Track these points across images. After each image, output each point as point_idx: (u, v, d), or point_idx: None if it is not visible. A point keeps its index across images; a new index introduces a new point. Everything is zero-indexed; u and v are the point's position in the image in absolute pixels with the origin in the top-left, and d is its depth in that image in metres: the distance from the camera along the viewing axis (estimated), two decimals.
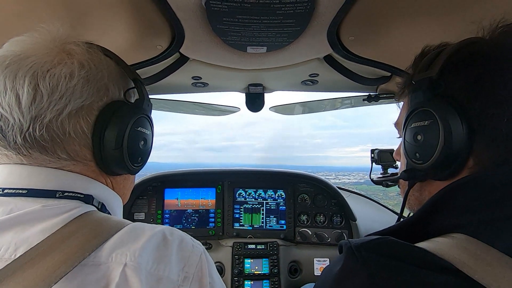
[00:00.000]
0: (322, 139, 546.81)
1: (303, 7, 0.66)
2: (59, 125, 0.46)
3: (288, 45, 0.86)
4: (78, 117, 0.48)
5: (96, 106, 0.50)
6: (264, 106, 1.50)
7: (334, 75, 1.09)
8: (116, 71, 0.55)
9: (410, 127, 0.51)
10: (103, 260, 0.41)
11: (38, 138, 0.45)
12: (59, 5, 0.67)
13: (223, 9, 0.66)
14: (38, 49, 0.47)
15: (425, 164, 0.48)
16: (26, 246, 0.40)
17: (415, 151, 0.50)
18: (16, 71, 0.45)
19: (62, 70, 0.46)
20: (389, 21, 0.75)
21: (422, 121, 0.48)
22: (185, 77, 1.18)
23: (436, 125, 0.46)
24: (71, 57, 0.49)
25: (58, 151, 0.47)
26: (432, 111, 0.46)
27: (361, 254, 0.41)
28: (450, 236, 0.41)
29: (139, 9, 0.71)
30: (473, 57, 0.46)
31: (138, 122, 0.55)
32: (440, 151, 0.45)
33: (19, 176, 0.46)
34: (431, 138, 0.47)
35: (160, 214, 1.72)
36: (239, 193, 1.79)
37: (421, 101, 0.50)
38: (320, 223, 1.72)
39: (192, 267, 0.46)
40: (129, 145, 0.53)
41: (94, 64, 0.51)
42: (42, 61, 0.46)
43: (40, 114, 0.45)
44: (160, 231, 0.47)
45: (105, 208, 0.54)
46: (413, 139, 0.50)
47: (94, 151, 0.51)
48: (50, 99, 0.45)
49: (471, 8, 0.65)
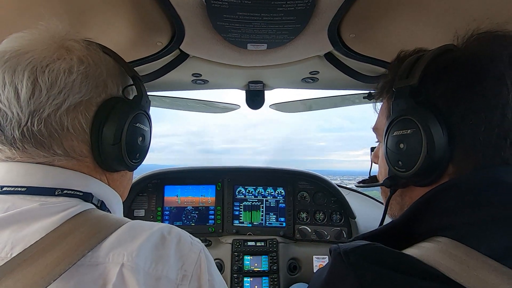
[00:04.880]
0: (326, 142, 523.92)
1: (304, 4, 0.65)
2: (58, 120, 0.46)
3: (289, 42, 0.86)
4: (76, 112, 0.48)
5: (95, 102, 0.51)
6: (264, 103, 1.50)
7: (334, 73, 1.09)
8: (114, 68, 0.56)
9: (393, 135, 0.51)
10: (100, 260, 0.41)
11: (36, 133, 0.45)
12: (58, 2, 0.67)
13: (224, 6, 0.66)
14: (37, 44, 0.47)
15: (408, 172, 0.48)
16: (23, 245, 0.39)
17: (397, 159, 0.51)
18: (15, 65, 0.44)
19: (61, 65, 0.46)
20: (389, 18, 0.75)
21: (405, 129, 0.49)
22: (185, 74, 1.18)
23: (418, 134, 0.46)
24: (70, 53, 0.49)
25: (54, 146, 0.47)
26: (415, 120, 0.47)
27: (349, 260, 0.41)
28: (435, 240, 0.41)
29: (139, 5, 0.70)
30: (453, 65, 0.47)
31: (136, 118, 0.55)
32: (423, 160, 0.46)
33: (17, 174, 0.46)
34: (413, 147, 0.47)
35: (160, 211, 1.73)
36: (238, 190, 1.79)
37: (403, 109, 0.50)
38: (320, 220, 1.73)
39: (190, 266, 0.46)
40: (127, 140, 0.53)
41: (93, 61, 0.51)
42: (41, 56, 0.46)
43: (39, 108, 0.45)
44: (158, 229, 0.47)
45: (105, 206, 0.54)
46: (395, 147, 0.51)
47: (92, 147, 0.51)
48: (49, 94, 0.45)
49: (470, 6, 0.65)
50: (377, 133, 0.64)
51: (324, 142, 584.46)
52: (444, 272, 0.37)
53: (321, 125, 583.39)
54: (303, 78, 1.24)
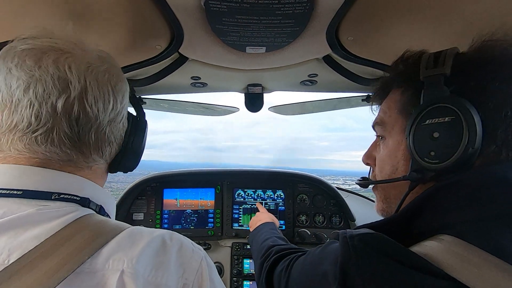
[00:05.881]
0: (330, 142, 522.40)
1: (302, 8, 0.66)
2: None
3: (287, 46, 0.86)
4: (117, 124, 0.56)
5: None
6: (264, 106, 1.50)
7: (333, 76, 1.09)
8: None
9: (424, 124, 0.48)
10: (99, 267, 0.40)
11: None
12: (58, 5, 0.67)
13: (222, 9, 0.66)
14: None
15: (441, 164, 0.46)
16: (20, 252, 0.38)
17: (429, 150, 0.47)
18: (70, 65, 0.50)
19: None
20: (388, 21, 0.75)
21: (442, 117, 0.46)
22: (184, 77, 1.18)
23: (459, 122, 0.44)
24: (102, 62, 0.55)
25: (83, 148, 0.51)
26: (454, 108, 0.45)
27: (353, 243, 0.43)
28: (438, 238, 0.41)
29: (138, 9, 0.70)
30: (485, 58, 0.46)
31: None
32: (462, 150, 0.43)
33: (13, 176, 0.45)
34: (452, 136, 0.45)
35: (159, 214, 1.72)
36: (238, 193, 1.79)
37: (437, 97, 0.47)
38: (319, 223, 1.72)
39: (191, 274, 0.45)
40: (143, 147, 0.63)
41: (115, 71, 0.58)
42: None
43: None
44: (159, 235, 0.46)
45: (104, 211, 0.53)
46: (427, 137, 0.48)
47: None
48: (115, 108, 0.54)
49: (469, 8, 0.65)
50: (383, 128, 0.59)
51: (327, 142, 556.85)
52: (447, 270, 0.37)
53: (326, 124, 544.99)
54: (302, 81, 1.24)
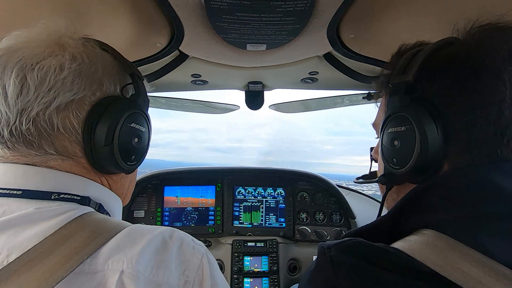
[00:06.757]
0: (333, 145, 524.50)
1: (303, 5, 0.66)
2: (47, 119, 0.45)
3: (288, 43, 0.86)
4: (67, 112, 0.46)
5: (88, 101, 0.48)
6: (264, 104, 1.50)
7: (333, 73, 1.09)
8: (113, 65, 0.54)
9: (388, 132, 0.51)
10: (99, 268, 0.39)
11: (24, 132, 0.44)
12: (58, 3, 0.67)
13: (223, 7, 0.66)
14: (30, 42, 0.46)
15: (402, 169, 0.48)
16: (19, 251, 0.38)
17: (392, 156, 0.50)
18: (5, 63, 0.44)
19: (51, 62, 0.45)
20: (388, 18, 0.75)
21: (399, 126, 0.48)
22: (184, 74, 1.18)
23: (412, 131, 0.46)
24: (63, 50, 0.47)
25: (45, 146, 0.46)
26: (409, 117, 0.46)
27: (330, 253, 0.43)
28: (421, 233, 0.41)
29: (139, 6, 0.70)
30: (449, 61, 0.46)
31: (131, 118, 0.52)
32: (416, 158, 0.45)
33: (14, 176, 0.45)
34: (407, 144, 0.47)
35: (159, 211, 1.72)
36: (238, 191, 1.79)
37: (398, 105, 0.50)
38: (320, 221, 1.73)
39: (192, 271, 0.45)
40: (120, 141, 0.50)
41: (88, 58, 0.49)
42: (32, 53, 0.45)
43: (27, 107, 0.43)
44: (159, 234, 0.46)
45: (103, 209, 0.52)
46: (390, 144, 0.50)
47: (84, 148, 0.49)
48: (38, 92, 0.44)
49: (469, 6, 0.65)
50: (376, 129, 0.63)
51: (330, 145, 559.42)
52: (429, 265, 0.37)
53: (330, 128, 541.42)
54: (303, 78, 1.24)
